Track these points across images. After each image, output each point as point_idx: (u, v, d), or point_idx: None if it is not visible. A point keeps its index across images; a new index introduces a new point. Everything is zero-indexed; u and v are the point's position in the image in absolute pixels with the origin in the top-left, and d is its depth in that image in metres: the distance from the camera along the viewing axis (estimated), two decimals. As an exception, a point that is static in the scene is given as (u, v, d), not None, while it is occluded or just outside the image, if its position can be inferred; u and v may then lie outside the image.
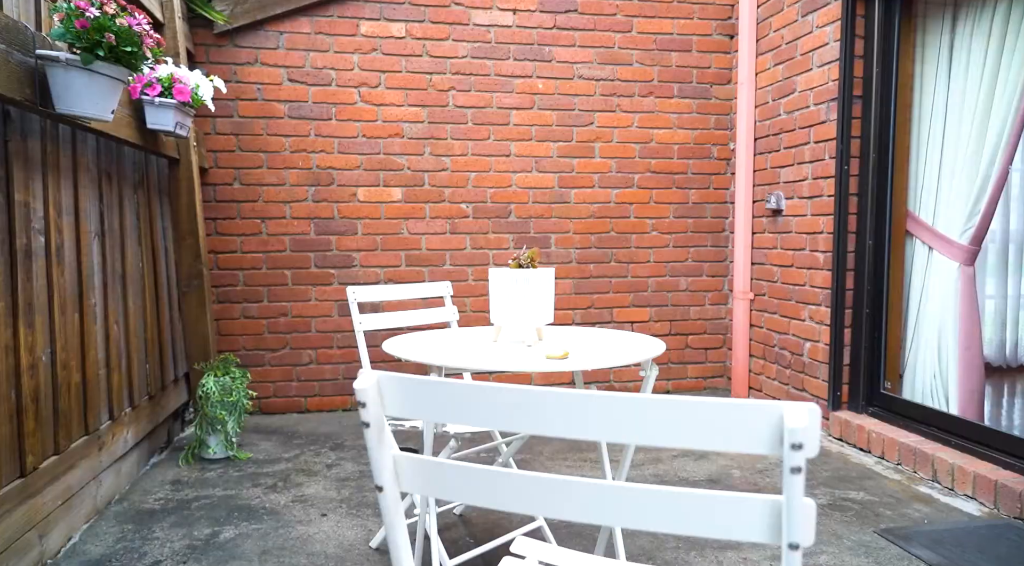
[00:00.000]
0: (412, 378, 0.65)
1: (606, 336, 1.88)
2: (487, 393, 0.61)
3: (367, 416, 0.66)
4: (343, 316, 3.80)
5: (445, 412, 0.64)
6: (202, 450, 2.97)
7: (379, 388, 0.66)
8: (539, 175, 3.97)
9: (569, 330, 2.05)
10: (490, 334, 1.82)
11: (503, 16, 3.85)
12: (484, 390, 0.61)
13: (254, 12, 3.54)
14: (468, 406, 0.63)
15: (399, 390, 0.66)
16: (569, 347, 1.57)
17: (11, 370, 1.85)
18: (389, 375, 0.67)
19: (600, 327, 4.08)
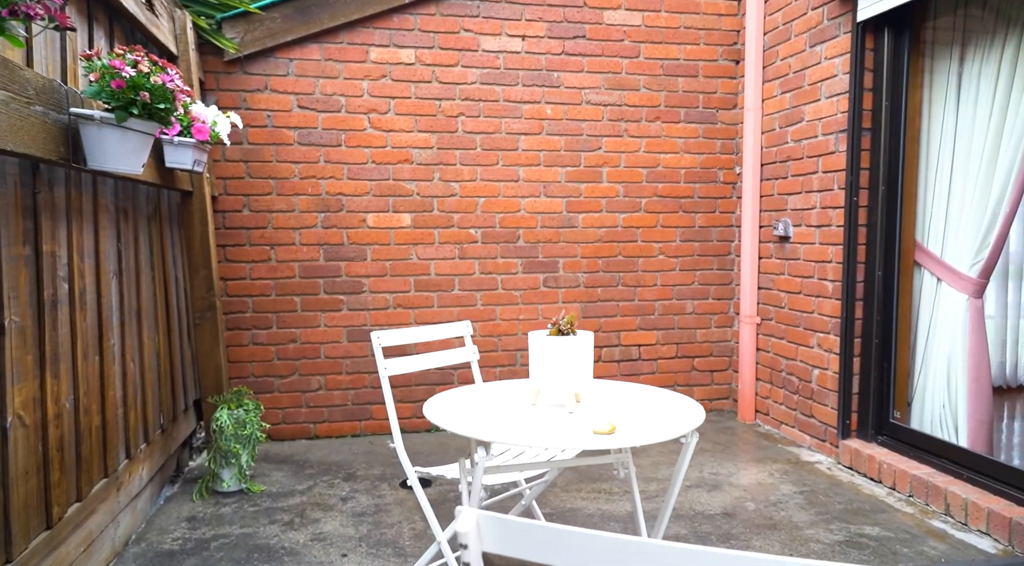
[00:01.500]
0: (513, 520, 0.66)
1: (643, 396, 1.87)
2: (593, 540, 0.62)
3: (468, 557, 0.67)
4: (352, 342, 3.80)
5: (547, 554, 0.65)
6: (216, 483, 2.96)
7: (479, 528, 0.67)
8: (547, 200, 3.98)
9: (603, 386, 2.04)
10: (523, 390, 1.83)
11: (512, 42, 3.87)
12: (590, 538, 0.62)
13: (264, 39, 3.53)
14: (573, 550, 0.64)
15: (499, 530, 0.67)
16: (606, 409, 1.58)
17: (38, 423, 1.84)
18: (489, 516, 0.67)
19: (607, 348, 4.10)
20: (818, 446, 3.46)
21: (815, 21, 3.43)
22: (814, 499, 2.86)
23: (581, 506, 2.83)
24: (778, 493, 2.94)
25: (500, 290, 3.96)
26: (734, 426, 3.99)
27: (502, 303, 3.97)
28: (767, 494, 2.92)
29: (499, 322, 3.97)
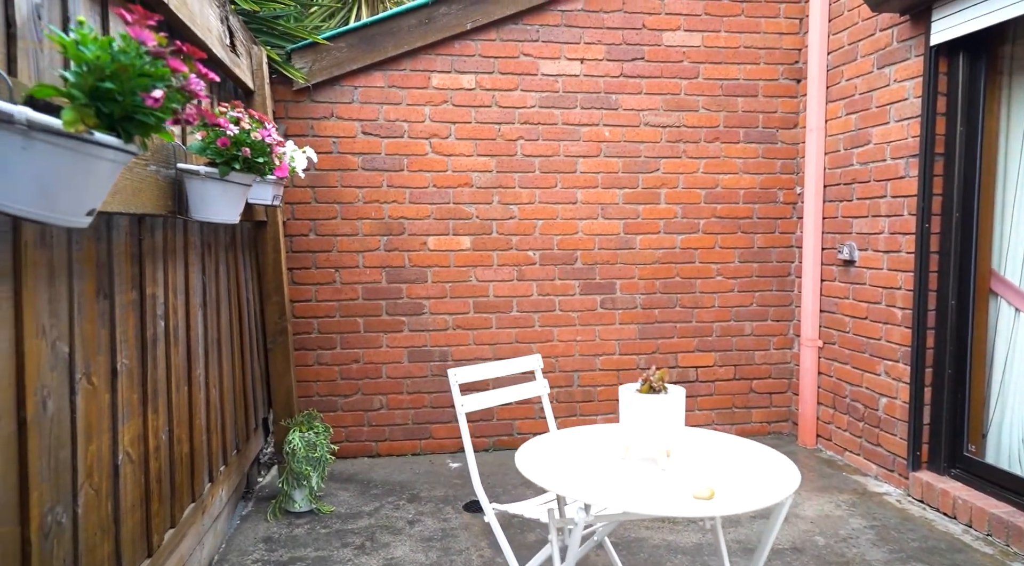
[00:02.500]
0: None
1: (732, 449, 1.83)
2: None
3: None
4: (413, 362, 3.87)
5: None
6: (288, 504, 3.06)
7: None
8: (605, 222, 4.00)
9: (692, 436, 2.03)
10: (608, 439, 1.82)
11: (571, 66, 3.89)
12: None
13: (331, 69, 3.63)
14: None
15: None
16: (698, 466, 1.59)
17: (141, 457, 1.94)
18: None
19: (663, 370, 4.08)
20: (886, 476, 3.39)
21: (883, 43, 3.37)
22: (886, 535, 2.81)
23: (646, 536, 2.83)
24: (848, 527, 2.89)
25: (557, 312, 3.99)
26: (795, 451, 3.93)
27: (559, 325, 3.99)
28: (836, 527, 2.88)
29: (556, 343, 4.00)
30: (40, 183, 0.91)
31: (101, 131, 0.95)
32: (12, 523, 1.30)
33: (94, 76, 0.92)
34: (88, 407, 1.61)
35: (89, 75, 0.93)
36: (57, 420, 1.47)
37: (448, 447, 3.94)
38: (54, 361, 1.46)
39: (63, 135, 0.90)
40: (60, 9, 1.48)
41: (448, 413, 3.92)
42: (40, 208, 0.93)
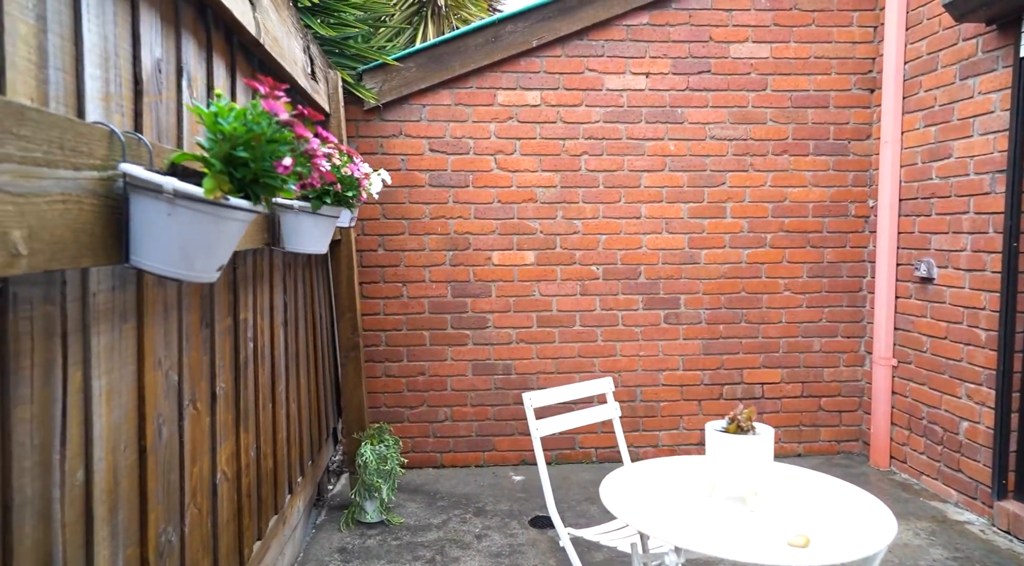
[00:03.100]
0: None
1: (821, 489, 1.78)
2: None
3: None
4: (477, 375, 3.93)
5: None
6: (360, 514, 3.15)
7: None
8: (669, 236, 3.97)
9: (776, 472, 1.97)
10: (690, 472, 1.81)
11: (636, 80, 3.88)
12: None
13: (400, 88, 3.72)
14: None
15: None
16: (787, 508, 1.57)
17: (235, 475, 2.04)
18: None
19: (728, 386, 4.03)
20: (967, 503, 3.26)
21: (967, 53, 3.24)
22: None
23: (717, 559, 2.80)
24: (928, 557, 2.80)
25: (620, 326, 3.98)
26: (867, 472, 3.82)
27: (622, 339, 3.98)
28: (916, 558, 2.79)
29: (619, 358, 3.99)
30: (181, 245, 0.98)
31: (232, 195, 1.01)
32: (135, 545, 1.39)
33: (229, 144, 0.99)
34: (193, 431, 1.71)
35: (224, 143, 0.99)
36: (169, 445, 1.56)
37: (510, 459, 3.98)
38: (167, 390, 1.55)
39: (203, 201, 0.97)
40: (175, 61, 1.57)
41: (511, 426, 3.96)
42: (180, 268, 1.00)
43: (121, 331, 1.33)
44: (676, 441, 4.03)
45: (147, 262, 0.97)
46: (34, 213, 0.79)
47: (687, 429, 4.03)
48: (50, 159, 0.83)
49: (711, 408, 4.04)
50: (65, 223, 0.87)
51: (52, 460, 1.11)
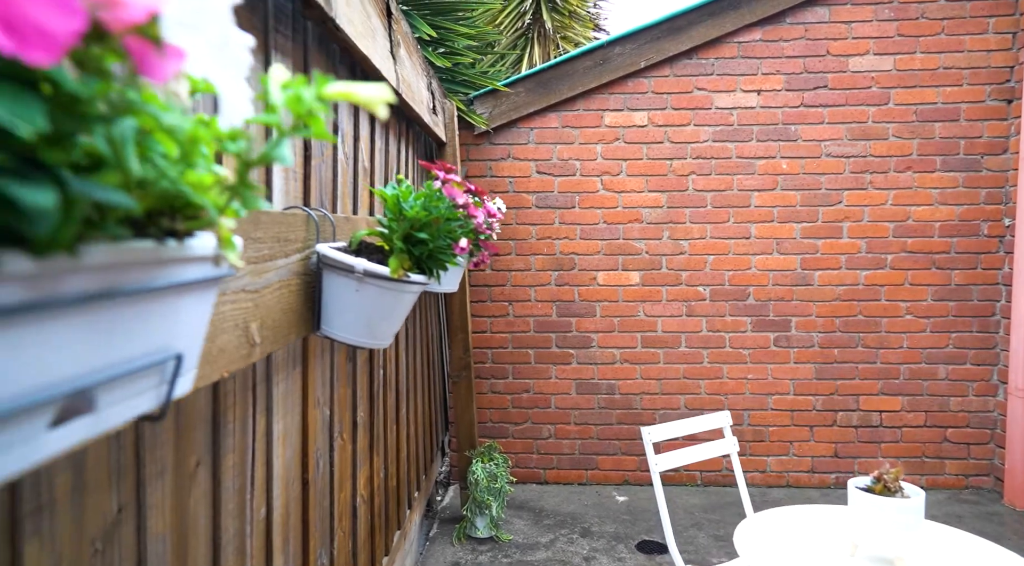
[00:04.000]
0: None
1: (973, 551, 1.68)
2: None
3: None
4: (580, 394, 3.97)
5: None
6: (471, 530, 3.26)
7: None
8: (780, 257, 3.85)
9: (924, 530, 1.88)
10: (832, 529, 1.76)
11: (747, 98, 3.80)
12: None
13: (509, 113, 3.82)
14: None
15: None
16: None
17: (369, 496, 2.18)
18: None
19: (843, 412, 3.87)
20: (1121, 555, 2.98)
21: None
22: None
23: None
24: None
25: (728, 348, 3.91)
26: (1000, 512, 3.57)
27: (729, 362, 3.91)
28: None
29: (726, 381, 3.92)
30: (367, 317, 1.08)
31: (411, 271, 1.10)
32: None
33: (409, 225, 1.08)
34: (340, 460, 1.85)
35: (404, 223, 1.08)
36: (323, 476, 1.70)
37: (613, 479, 3.99)
38: (323, 425, 1.69)
39: (388, 279, 1.06)
40: (331, 121, 1.71)
41: (613, 445, 3.97)
42: (365, 337, 1.10)
43: (292, 377, 1.46)
44: (785, 467, 3.91)
45: (337, 332, 1.08)
46: (263, 305, 0.91)
47: (797, 456, 3.91)
48: (272, 253, 0.94)
49: (824, 435, 3.89)
50: (280, 307, 0.98)
51: (246, 500, 1.24)
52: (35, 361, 0.30)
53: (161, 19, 0.31)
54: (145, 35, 0.30)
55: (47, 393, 0.31)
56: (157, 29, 0.30)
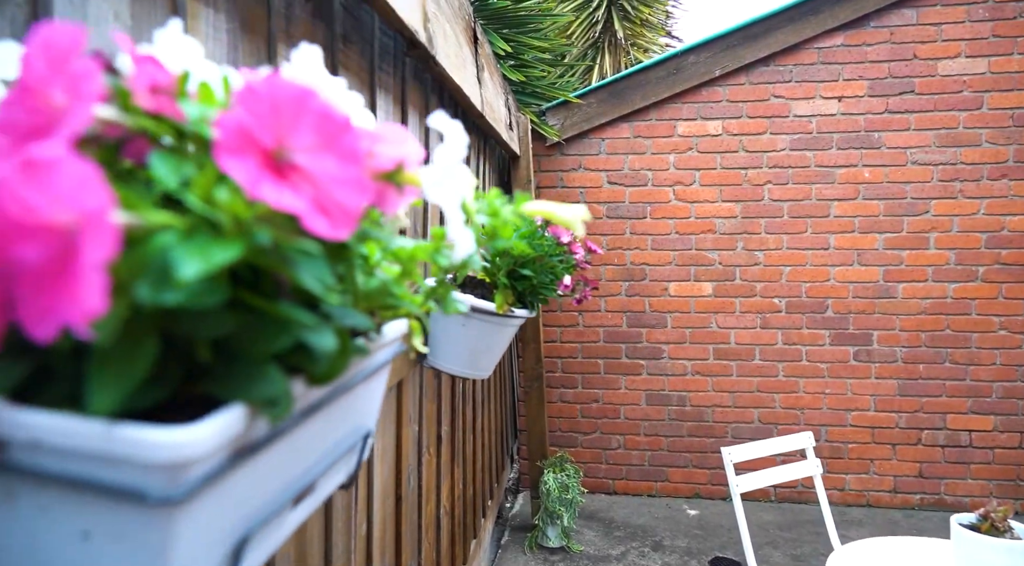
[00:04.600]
0: None
1: None
2: None
3: None
4: (650, 405, 3.94)
5: None
6: (542, 539, 3.30)
7: None
8: (861, 268, 3.73)
9: None
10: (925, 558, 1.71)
11: (827, 105, 3.69)
12: None
13: (581, 124, 3.83)
14: None
15: None
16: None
17: (451, 507, 2.24)
18: None
19: (928, 431, 3.71)
20: None
21: None
22: None
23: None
24: None
25: (804, 362, 3.80)
26: (1105, 542, 3.34)
27: (806, 376, 3.81)
28: None
29: (801, 395, 3.82)
30: (471, 349, 1.13)
31: (514, 305, 1.14)
32: (394, 583, 1.60)
33: (513, 261, 1.12)
34: (427, 474, 1.91)
35: (508, 259, 1.12)
36: (413, 490, 1.77)
37: (683, 491, 3.95)
38: (413, 441, 1.75)
39: (492, 314, 1.10)
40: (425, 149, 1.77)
41: (684, 458, 3.93)
42: (469, 368, 1.15)
43: (390, 397, 1.53)
44: (865, 486, 3.78)
45: (443, 364, 1.13)
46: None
47: (879, 474, 3.77)
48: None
49: (907, 453, 3.74)
50: (396, 343, 1.04)
51: (351, 517, 1.31)
52: (299, 458, 0.36)
53: (405, 166, 0.35)
54: (390, 179, 0.35)
55: (303, 482, 0.37)
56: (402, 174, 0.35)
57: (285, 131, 0.29)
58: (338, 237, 0.30)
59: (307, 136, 0.30)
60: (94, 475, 0.28)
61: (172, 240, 0.26)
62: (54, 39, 0.28)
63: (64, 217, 0.24)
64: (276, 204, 0.27)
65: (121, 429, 0.27)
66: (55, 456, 0.28)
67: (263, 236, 0.28)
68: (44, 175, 0.23)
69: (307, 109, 0.29)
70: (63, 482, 0.28)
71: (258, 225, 0.28)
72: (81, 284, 0.23)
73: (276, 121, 0.29)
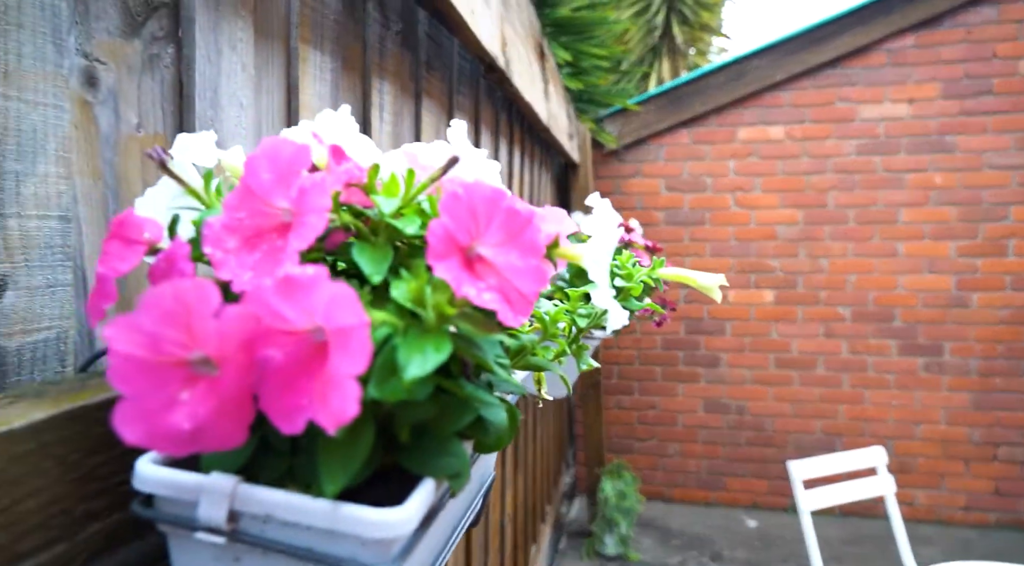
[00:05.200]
0: None
1: None
2: None
3: None
4: (708, 413, 3.90)
5: None
6: (599, 546, 3.30)
7: None
8: (932, 276, 3.60)
9: None
10: None
11: (896, 108, 3.57)
12: None
13: (638, 130, 3.81)
14: None
15: None
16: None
17: (513, 514, 2.28)
18: None
19: (1006, 447, 3.55)
20: None
21: None
22: None
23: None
24: None
25: (870, 372, 3.70)
26: None
27: (871, 386, 3.70)
28: None
29: (867, 406, 3.71)
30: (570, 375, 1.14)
31: (596, 329, 1.16)
32: (468, 592, 1.64)
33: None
34: (495, 484, 1.95)
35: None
36: (483, 500, 1.80)
37: (741, 501, 3.89)
38: (483, 453, 1.79)
39: (576, 339, 1.12)
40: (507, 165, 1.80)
41: (742, 467, 3.87)
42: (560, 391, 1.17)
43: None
44: (936, 502, 3.65)
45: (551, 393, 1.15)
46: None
47: (951, 491, 3.63)
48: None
49: (981, 470, 3.59)
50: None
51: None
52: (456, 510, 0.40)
53: (560, 242, 0.38)
54: (547, 254, 0.37)
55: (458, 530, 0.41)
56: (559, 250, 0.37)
57: (479, 230, 0.32)
58: (519, 324, 0.33)
59: (496, 233, 0.32)
60: (314, 546, 0.31)
61: (395, 340, 0.29)
62: (279, 151, 0.31)
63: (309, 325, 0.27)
64: (477, 302, 0.30)
65: (345, 509, 0.30)
66: (282, 528, 0.31)
67: (465, 329, 0.31)
68: (302, 292, 0.26)
69: (498, 208, 0.32)
70: (286, 551, 0.31)
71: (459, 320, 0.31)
72: (334, 390, 0.26)
73: (473, 222, 0.31)
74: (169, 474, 0.32)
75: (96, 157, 0.59)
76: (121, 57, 0.61)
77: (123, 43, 0.61)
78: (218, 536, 0.30)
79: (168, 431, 0.27)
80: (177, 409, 0.27)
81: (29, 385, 0.41)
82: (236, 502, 0.31)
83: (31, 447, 0.32)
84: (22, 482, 0.31)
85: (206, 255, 0.31)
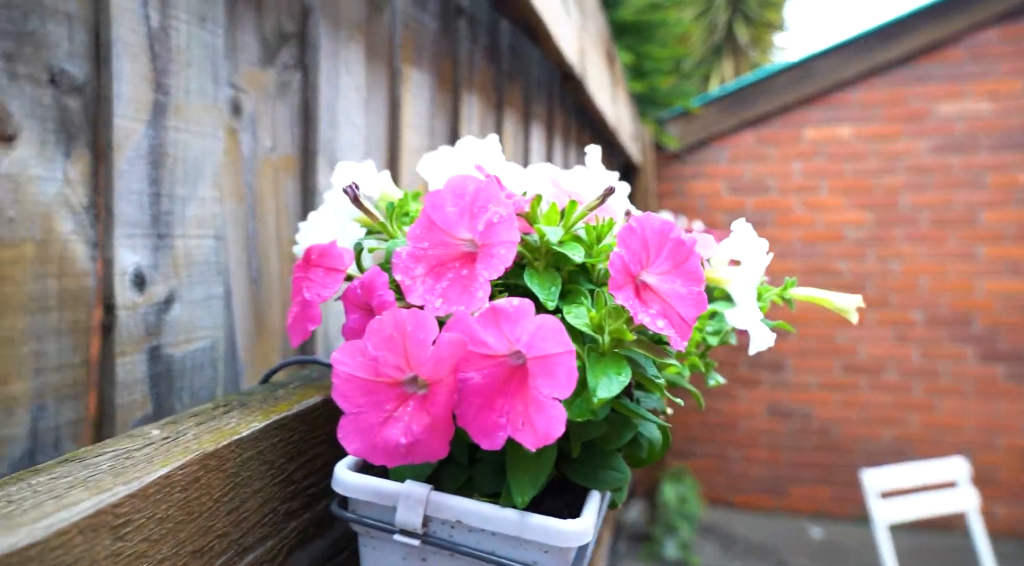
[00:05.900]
0: None
1: None
2: None
3: None
4: (771, 417, 3.82)
5: None
6: (659, 550, 3.29)
7: None
8: (1014, 280, 3.44)
9: None
10: None
11: (976, 105, 3.43)
12: None
13: (700, 132, 3.77)
14: None
15: None
16: None
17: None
18: None
19: (1092, 461, 3.37)
20: None
21: None
22: None
23: None
24: None
25: (945, 379, 3.56)
26: None
27: (945, 394, 3.56)
28: None
29: (941, 414, 3.57)
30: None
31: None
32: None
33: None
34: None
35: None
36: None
37: (805, 509, 3.80)
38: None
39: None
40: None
41: (807, 474, 3.78)
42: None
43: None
44: (1018, 517, 3.48)
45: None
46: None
47: (1031, 505, 3.47)
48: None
49: (1066, 484, 3.42)
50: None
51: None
52: None
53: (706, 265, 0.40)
54: None
55: None
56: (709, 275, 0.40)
57: (649, 260, 0.34)
58: (683, 348, 0.35)
59: (664, 263, 0.34)
60: (497, 550, 0.34)
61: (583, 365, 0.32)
62: (464, 187, 0.34)
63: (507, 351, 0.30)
64: (652, 328, 0.32)
65: (533, 518, 0.33)
66: (468, 533, 0.34)
67: (637, 354, 0.33)
68: (507, 321, 0.29)
69: (666, 239, 0.34)
70: (473, 555, 0.34)
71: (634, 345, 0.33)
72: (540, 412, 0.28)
73: (645, 252, 0.34)
74: (370, 481, 0.35)
75: (240, 179, 0.64)
76: (259, 85, 0.66)
77: (260, 72, 0.66)
78: (413, 538, 0.33)
79: (386, 445, 0.30)
80: (393, 425, 0.30)
81: (229, 395, 0.45)
82: (429, 508, 0.34)
83: (253, 453, 0.35)
84: (248, 484, 0.35)
85: (398, 282, 0.34)
